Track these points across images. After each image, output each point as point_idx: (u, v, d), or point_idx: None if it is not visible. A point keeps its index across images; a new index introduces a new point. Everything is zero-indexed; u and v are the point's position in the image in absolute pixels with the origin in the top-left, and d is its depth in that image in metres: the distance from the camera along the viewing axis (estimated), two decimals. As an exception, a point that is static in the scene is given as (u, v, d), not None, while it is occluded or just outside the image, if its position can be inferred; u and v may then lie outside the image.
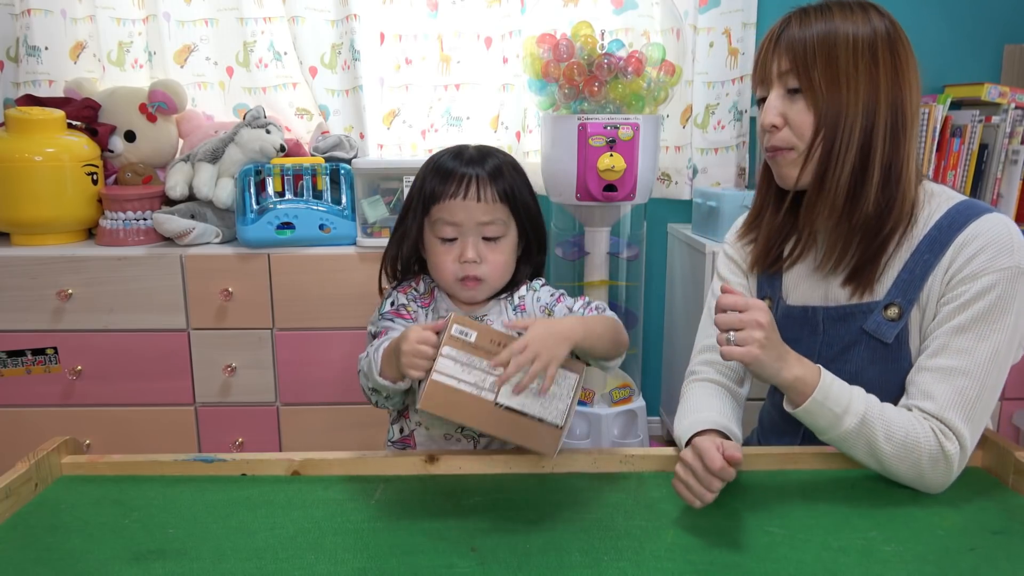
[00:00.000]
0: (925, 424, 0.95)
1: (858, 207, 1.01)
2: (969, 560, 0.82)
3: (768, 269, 1.15)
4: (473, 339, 0.94)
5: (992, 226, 0.97)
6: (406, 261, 1.18)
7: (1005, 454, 0.99)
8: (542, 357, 0.91)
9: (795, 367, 0.97)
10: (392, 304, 1.15)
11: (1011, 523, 0.89)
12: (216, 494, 0.97)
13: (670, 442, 2.68)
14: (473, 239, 1.08)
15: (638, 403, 2.21)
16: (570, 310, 1.15)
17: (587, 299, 1.17)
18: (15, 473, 0.95)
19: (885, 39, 1.00)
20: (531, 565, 0.81)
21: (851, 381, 1.02)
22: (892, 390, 1.03)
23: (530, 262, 1.19)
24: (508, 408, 0.93)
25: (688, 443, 0.98)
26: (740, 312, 0.94)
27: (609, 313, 1.13)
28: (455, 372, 0.93)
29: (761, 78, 1.06)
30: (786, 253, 1.13)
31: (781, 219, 1.12)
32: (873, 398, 0.99)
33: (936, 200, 1.04)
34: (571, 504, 0.94)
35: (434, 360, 0.93)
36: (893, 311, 1.02)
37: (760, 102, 1.08)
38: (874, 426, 0.95)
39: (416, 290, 1.17)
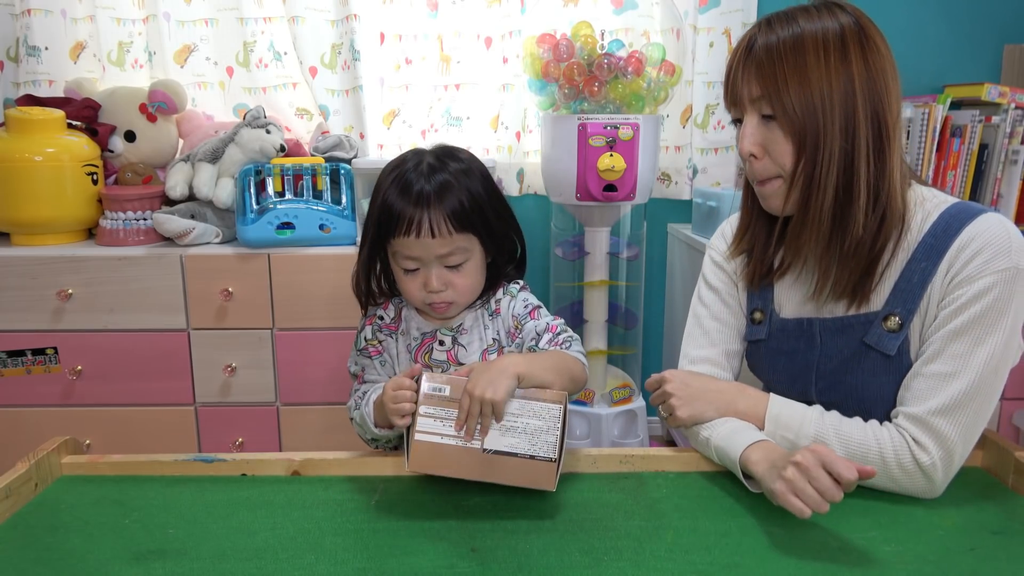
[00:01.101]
0: (897, 437, 0.94)
1: (847, 232, 0.97)
2: (969, 560, 0.82)
3: (761, 282, 1.11)
4: (448, 392, 0.95)
5: (989, 227, 0.94)
6: (378, 285, 1.17)
7: (1005, 454, 1.00)
8: (486, 400, 0.92)
9: (738, 403, 1.02)
10: (364, 339, 1.16)
11: (1011, 523, 0.89)
12: (216, 494, 0.97)
13: (670, 442, 2.68)
14: (436, 270, 1.06)
15: (638, 403, 2.21)
16: (538, 336, 1.13)
17: (560, 328, 1.14)
18: (15, 473, 0.95)
19: (855, 34, 0.95)
20: (531, 565, 0.81)
21: (855, 393, 1.02)
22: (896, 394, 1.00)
23: (509, 263, 1.17)
24: (496, 452, 0.93)
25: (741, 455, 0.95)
26: (655, 391, 1.08)
27: (576, 349, 1.12)
28: (436, 428, 0.94)
29: (733, 100, 1.02)
30: (776, 264, 1.08)
31: (771, 235, 1.08)
32: (831, 416, 0.99)
33: (927, 205, 1.00)
34: (571, 504, 0.94)
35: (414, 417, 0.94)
36: (893, 322, 0.99)
37: (735, 122, 1.04)
38: (829, 445, 0.95)
39: (382, 318, 1.16)
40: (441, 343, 1.14)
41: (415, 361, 1.14)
